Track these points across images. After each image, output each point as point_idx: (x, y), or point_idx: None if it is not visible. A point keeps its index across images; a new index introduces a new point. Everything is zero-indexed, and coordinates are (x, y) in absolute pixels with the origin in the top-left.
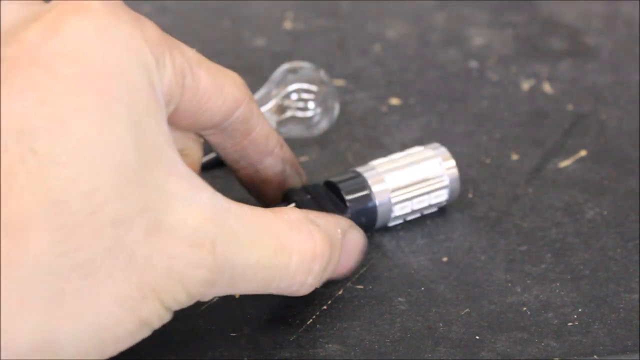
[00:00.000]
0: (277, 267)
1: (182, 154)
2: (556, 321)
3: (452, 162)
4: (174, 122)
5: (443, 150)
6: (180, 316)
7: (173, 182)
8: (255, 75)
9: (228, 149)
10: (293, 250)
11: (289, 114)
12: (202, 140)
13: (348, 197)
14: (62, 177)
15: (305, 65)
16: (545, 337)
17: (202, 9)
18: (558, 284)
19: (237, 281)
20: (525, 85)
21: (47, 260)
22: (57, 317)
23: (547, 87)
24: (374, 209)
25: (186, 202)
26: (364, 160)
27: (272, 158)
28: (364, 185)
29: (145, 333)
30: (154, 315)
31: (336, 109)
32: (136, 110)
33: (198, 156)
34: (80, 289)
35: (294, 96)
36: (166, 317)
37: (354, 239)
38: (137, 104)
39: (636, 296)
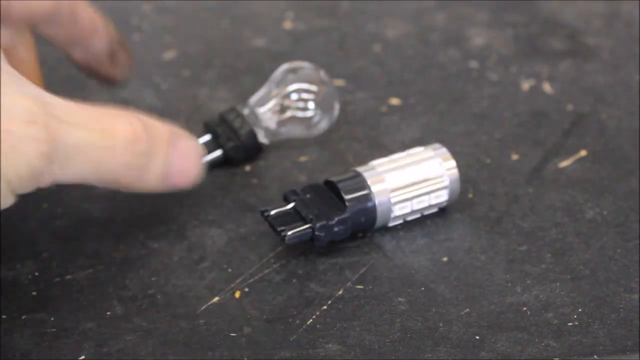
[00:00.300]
0: (104, 148)
1: (13, 50)
2: (556, 321)
3: (453, 163)
4: (5, 19)
5: (443, 151)
6: (180, 316)
7: (3, 75)
8: (255, 75)
9: (60, 36)
10: (117, 132)
11: (289, 114)
12: (32, 39)
13: (347, 197)
14: None
15: (305, 65)
16: (545, 337)
17: (202, 9)
18: (558, 284)
19: (71, 160)
20: (525, 85)
21: None
22: None
23: (547, 87)
24: (373, 209)
25: (14, 89)
26: (364, 160)
27: (100, 40)
28: (363, 184)
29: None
30: (5, 189)
31: (336, 109)
32: None
33: (31, 52)
34: None
35: (294, 96)
36: (8, 198)
37: (187, 144)
38: None
39: (636, 296)
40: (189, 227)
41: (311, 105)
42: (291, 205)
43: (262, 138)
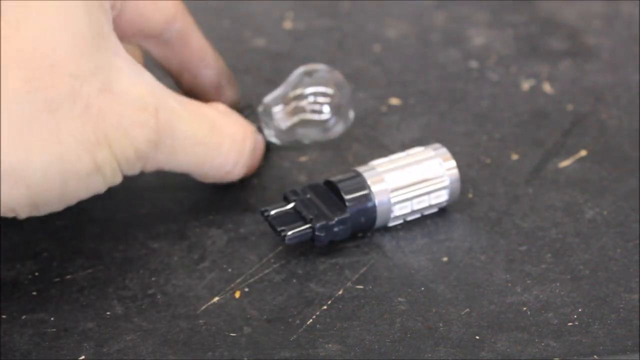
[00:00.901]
0: (212, 144)
1: None
2: (556, 321)
3: (453, 163)
4: (118, 28)
5: (443, 151)
6: (180, 316)
7: (119, 60)
8: (255, 75)
9: (170, 59)
10: (225, 132)
11: (304, 116)
12: (142, 55)
13: (347, 197)
14: (29, 38)
15: (321, 67)
16: (545, 337)
17: (202, 9)
18: (558, 284)
19: (177, 151)
20: (525, 85)
21: (18, 96)
22: (26, 147)
23: (547, 87)
24: (373, 209)
25: (131, 75)
26: (364, 160)
27: (208, 69)
28: (363, 185)
29: (99, 183)
30: (107, 164)
31: (351, 113)
32: (89, 2)
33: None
34: (45, 124)
35: (310, 99)
36: (117, 176)
37: (260, 140)
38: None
39: (636, 296)
40: (189, 227)
41: (326, 108)
42: (291, 205)
43: (272, 137)
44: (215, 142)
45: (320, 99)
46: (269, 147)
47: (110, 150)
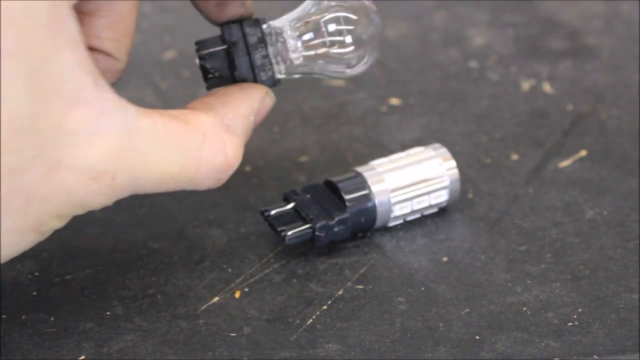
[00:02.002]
0: (183, 180)
1: (114, 22)
2: (556, 321)
3: (453, 163)
4: None
5: (443, 151)
6: (180, 316)
7: (74, 117)
8: None
9: None
10: (201, 164)
11: (322, 48)
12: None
13: (347, 197)
14: None
15: None
16: (545, 337)
17: None
18: (558, 284)
19: (139, 190)
20: (525, 85)
21: None
22: None
23: (547, 87)
24: (373, 209)
25: (87, 138)
26: (364, 160)
27: None
28: (363, 185)
29: (42, 239)
30: (54, 227)
31: (375, 49)
32: (32, 51)
33: (131, 21)
34: None
35: (330, 27)
36: (63, 222)
37: (266, 108)
38: (32, 42)
39: (636, 296)
40: (189, 227)
41: (349, 39)
42: (291, 205)
43: (281, 73)
44: (188, 177)
45: (343, 27)
46: (277, 82)
47: (58, 220)
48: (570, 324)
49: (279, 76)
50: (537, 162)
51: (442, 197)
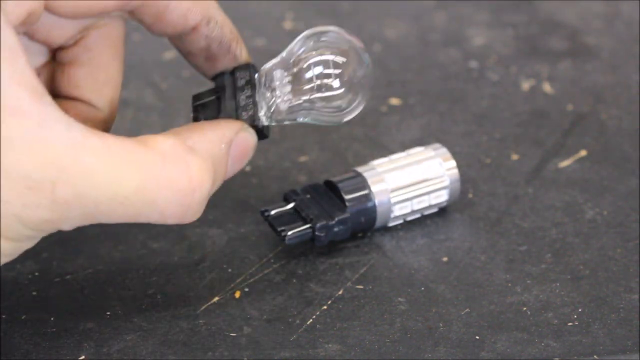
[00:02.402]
0: (142, 203)
1: (102, 29)
2: (556, 321)
3: (453, 163)
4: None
5: (444, 151)
6: (181, 316)
7: (9, 125)
8: None
9: (148, 26)
10: (162, 185)
11: (309, 93)
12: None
13: (347, 197)
14: None
15: (332, 29)
16: (545, 337)
17: None
18: (558, 284)
19: (93, 214)
20: (525, 85)
21: None
22: None
23: (547, 87)
24: (373, 209)
25: (24, 146)
26: (364, 160)
27: (194, 34)
28: (363, 185)
29: (4, 259)
30: (6, 252)
31: (367, 89)
32: None
33: (119, 31)
34: None
35: (316, 70)
36: (21, 248)
37: (243, 142)
38: None
39: (636, 296)
40: (189, 227)
41: (337, 83)
42: (291, 205)
43: (268, 120)
44: (147, 199)
45: (329, 71)
46: (266, 133)
47: (8, 243)
48: (570, 324)
49: (265, 122)
50: (537, 162)
51: (442, 197)
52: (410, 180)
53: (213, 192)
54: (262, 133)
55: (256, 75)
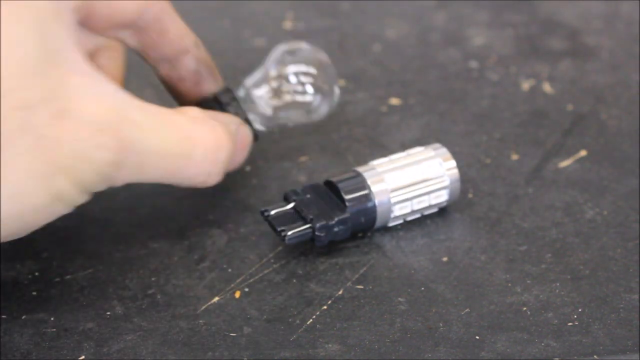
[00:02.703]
0: (182, 155)
1: (103, 59)
2: (556, 321)
3: (453, 163)
4: (90, 24)
5: (444, 151)
6: (181, 316)
7: (76, 78)
8: None
9: (147, 48)
10: (197, 141)
11: (287, 98)
12: (120, 49)
13: (347, 197)
14: None
15: (304, 46)
16: (545, 337)
17: (202, 9)
18: (558, 284)
19: (144, 166)
20: (525, 85)
21: None
22: None
23: (547, 87)
24: (373, 209)
25: (89, 94)
26: (364, 160)
27: (187, 57)
28: (363, 185)
29: (61, 208)
30: (64, 192)
31: (336, 93)
32: (41, 15)
33: (119, 62)
34: None
35: (292, 79)
36: (80, 197)
37: (244, 134)
38: (42, 9)
39: (636, 296)
40: (189, 227)
41: (310, 89)
42: (291, 205)
43: (258, 125)
44: (185, 153)
45: (303, 79)
46: (256, 135)
47: (67, 179)
48: (570, 324)
49: (256, 126)
50: (537, 162)
51: (442, 197)
52: (410, 180)
53: (229, 165)
54: (255, 136)
55: (240, 92)
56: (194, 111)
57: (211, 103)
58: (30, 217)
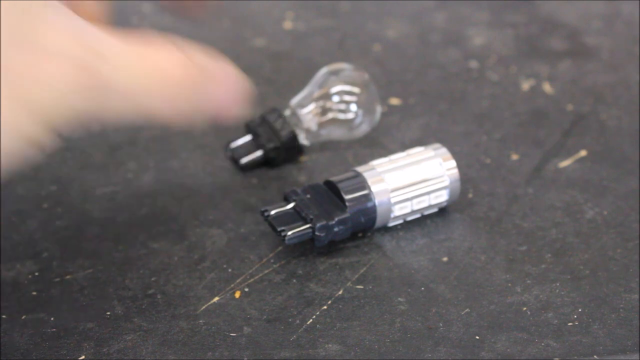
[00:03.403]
0: (148, 85)
1: None
2: (556, 321)
3: (453, 163)
4: None
5: (444, 151)
6: (181, 316)
7: (41, 9)
8: (255, 75)
9: None
10: (166, 73)
11: (330, 116)
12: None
13: (347, 197)
14: None
15: (346, 67)
16: (545, 337)
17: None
18: (558, 284)
19: (113, 100)
20: (525, 85)
21: None
22: None
23: (547, 87)
24: (373, 209)
25: (54, 27)
26: (364, 160)
27: None
28: (363, 185)
29: (24, 146)
30: (29, 126)
31: (378, 111)
32: None
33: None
34: None
35: (336, 98)
36: (44, 133)
37: (224, 70)
38: None
39: (636, 296)
40: (189, 227)
41: (353, 107)
42: (291, 205)
43: (303, 139)
44: (155, 86)
45: (347, 98)
46: (302, 149)
47: (30, 112)
48: (570, 324)
49: (303, 142)
50: (537, 162)
51: (442, 197)
52: (410, 180)
53: (196, 103)
54: (300, 148)
55: (286, 111)
56: (158, 39)
57: (258, 122)
58: (10, 160)
